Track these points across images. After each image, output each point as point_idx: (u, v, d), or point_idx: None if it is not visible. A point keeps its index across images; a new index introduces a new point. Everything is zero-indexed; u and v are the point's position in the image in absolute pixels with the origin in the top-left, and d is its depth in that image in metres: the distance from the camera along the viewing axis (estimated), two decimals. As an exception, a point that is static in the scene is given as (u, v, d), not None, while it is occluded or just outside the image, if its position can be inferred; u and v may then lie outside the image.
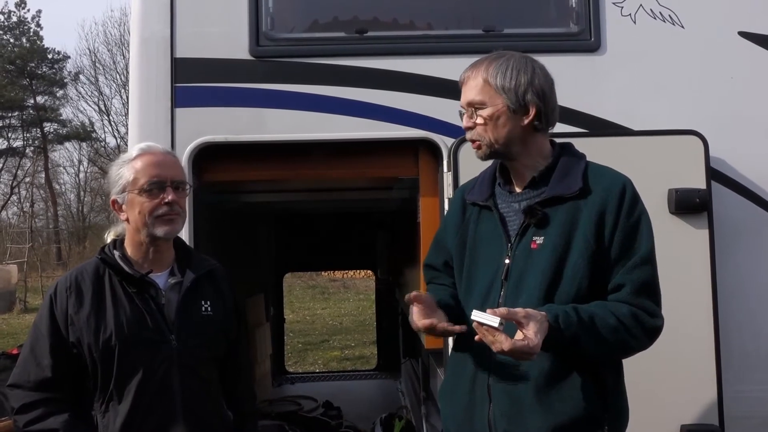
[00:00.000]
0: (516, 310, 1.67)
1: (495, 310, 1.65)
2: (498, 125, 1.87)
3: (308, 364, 9.90)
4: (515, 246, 1.87)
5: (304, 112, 2.95)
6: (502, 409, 1.81)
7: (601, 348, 1.75)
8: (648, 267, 1.81)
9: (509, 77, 1.86)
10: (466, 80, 1.92)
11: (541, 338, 1.64)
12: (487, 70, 1.88)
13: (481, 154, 1.93)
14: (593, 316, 1.73)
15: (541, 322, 1.66)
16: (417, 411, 4.43)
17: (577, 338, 1.71)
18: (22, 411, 1.97)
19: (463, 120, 1.94)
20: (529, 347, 1.62)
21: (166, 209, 2.01)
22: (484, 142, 1.90)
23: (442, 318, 1.86)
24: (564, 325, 1.69)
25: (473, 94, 1.89)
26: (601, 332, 1.73)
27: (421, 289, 3.00)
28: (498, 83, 1.86)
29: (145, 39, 2.96)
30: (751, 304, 2.90)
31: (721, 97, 2.97)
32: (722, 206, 2.87)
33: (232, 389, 2.22)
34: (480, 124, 1.88)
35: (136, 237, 2.06)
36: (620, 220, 1.81)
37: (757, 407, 2.87)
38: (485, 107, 1.87)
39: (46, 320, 2.01)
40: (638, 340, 1.78)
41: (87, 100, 36.37)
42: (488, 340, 1.65)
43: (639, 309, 1.78)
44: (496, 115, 1.86)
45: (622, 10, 2.99)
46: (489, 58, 1.91)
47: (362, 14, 3.16)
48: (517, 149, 1.90)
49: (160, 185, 2.01)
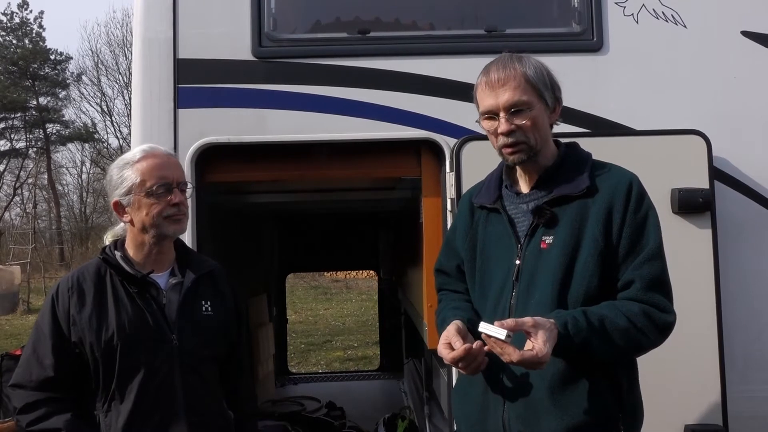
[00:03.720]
0: (524, 320, 1.65)
1: (503, 322, 1.63)
2: (541, 126, 1.85)
3: (311, 365, 9.90)
4: (525, 247, 1.86)
5: (307, 112, 2.95)
6: (517, 410, 1.80)
7: (613, 350, 1.74)
8: (657, 262, 1.80)
9: (541, 75, 1.85)
10: (499, 82, 1.82)
11: (551, 347, 1.63)
12: (523, 67, 1.83)
13: (521, 157, 1.85)
14: (603, 319, 1.72)
15: (550, 330, 1.65)
16: (420, 411, 4.43)
17: (588, 343, 1.70)
18: (25, 411, 1.98)
19: (500, 123, 1.82)
20: (537, 357, 1.61)
21: (175, 210, 2.04)
22: (529, 143, 1.83)
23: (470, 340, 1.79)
24: (573, 331, 1.68)
25: (518, 94, 1.81)
26: (612, 335, 1.71)
27: (425, 291, 3.02)
28: (538, 81, 1.83)
29: (148, 40, 2.96)
30: (754, 304, 2.90)
31: (724, 97, 2.97)
32: (725, 206, 2.86)
33: (233, 389, 2.23)
34: (528, 126, 1.82)
35: (139, 238, 2.07)
36: (627, 216, 1.81)
37: (762, 407, 2.87)
38: (531, 108, 1.82)
39: (48, 320, 2.02)
40: (651, 337, 1.76)
41: (89, 101, 36.43)
42: (497, 352, 1.64)
43: (650, 305, 1.77)
44: (540, 115, 1.84)
45: (625, 9, 2.98)
46: (510, 58, 1.86)
47: (364, 15, 3.16)
48: (543, 150, 1.89)
49: (167, 187, 2.03)
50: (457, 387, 2.05)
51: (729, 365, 2.76)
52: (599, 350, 1.72)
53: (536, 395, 1.78)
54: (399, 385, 6.40)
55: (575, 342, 1.68)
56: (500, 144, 1.87)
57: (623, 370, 1.83)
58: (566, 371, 1.77)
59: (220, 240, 3.85)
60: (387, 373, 6.85)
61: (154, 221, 2.02)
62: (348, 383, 6.76)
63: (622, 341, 1.73)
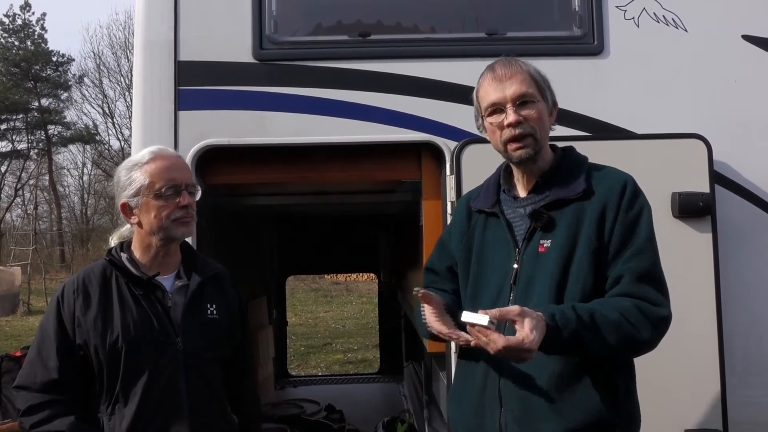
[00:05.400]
0: (509, 308, 1.64)
1: (488, 312, 1.62)
2: (545, 121, 1.88)
3: (311, 368, 9.89)
4: (523, 250, 1.86)
5: (307, 115, 2.95)
6: (514, 413, 1.80)
7: (606, 345, 1.71)
8: (647, 255, 1.79)
9: (541, 76, 1.87)
10: (506, 75, 1.85)
11: (538, 336, 1.60)
12: (527, 66, 1.87)
13: (529, 152, 1.85)
14: (593, 313, 1.70)
15: (537, 319, 1.63)
16: (419, 414, 4.42)
17: (578, 336, 1.68)
18: (29, 413, 1.97)
19: (507, 115, 1.84)
20: (523, 344, 1.58)
21: (183, 213, 2.04)
22: (535, 136, 1.84)
23: (450, 323, 1.82)
24: (562, 323, 1.67)
25: (524, 86, 1.84)
26: (602, 328, 1.69)
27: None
28: (540, 79, 1.87)
29: (149, 42, 2.97)
30: (755, 308, 2.90)
31: (725, 101, 2.97)
32: (726, 210, 2.86)
33: (236, 392, 2.23)
34: (534, 118, 1.84)
35: (146, 240, 2.07)
36: (620, 214, 1.81)
37: (762, 412, 2.86)
38: (536, 100, 1.85)
39: (53, 322, 2.01)
40: (644, 332, 1.73)
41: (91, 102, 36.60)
42: (483, 342, 1.63)
43: (641, 299, 1.75)
44: (544, 110, 1.87)
45: (626, 13, 2.99)
46: (511, 59, 1.90)
47: (365, 17, 3.17)
48: (543, 151, 1.91)
49: (176, 189, 2.03)
50: (453, 390, 2.04)
51: (729, 369, 2.76)
52: (591, 344, 1.70)
53: (533, 399, 1.77)
54: (399, 389, 6.39)
55: (564, 335, 1.66)
56: (506, 138, 1.86)
57: (620, 374, 1.83)
58: (564, 374, 1.76)
59: (220, 242, 3.85)
60: (387, 377, 6.85)
61: (163, 223, 2.02)
62: (348, 386, 6.76)
63: (614, 335, 1.71)
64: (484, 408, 1.86)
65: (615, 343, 1.72)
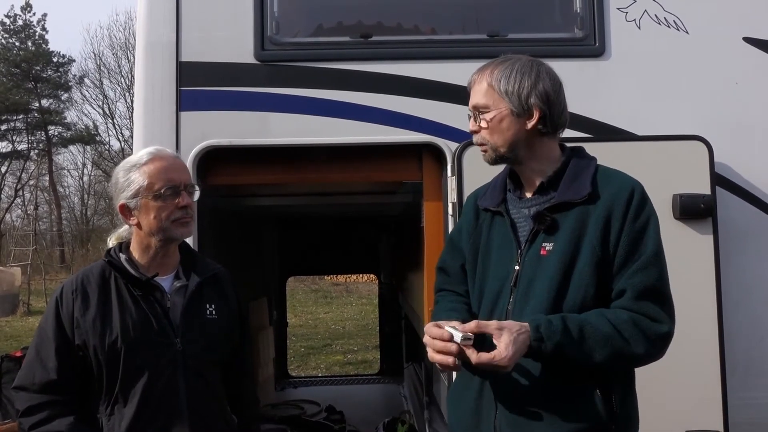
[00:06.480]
0: (488, 322, 1.68)
1: (465, 326, 1.68)
2: (502, 129, 1.88)
3: (311, 369, 9.89)
4: (525, 253, 1.85)
5: (309, 116, 2.95)
6: (509, 417, 1.79)
7: (593, 358, 1.70)
8: (652, 270, 1.77)
9: (513, 81, 1.86)
10: (472, 84, 1.93)
11: (514, 350, 1.62)
12: (492, 74, 1.89)
13: (487, 158, 1.94)
14: (583, 325, 1.70)
15: (517, 333, 1.64)
16: (420, 415, 4.42)
17: (561, 347, 1.67)
18: (27, 413, 1.97)
19: (469, 123, 1.95)
20: (494, 360, 1.62)
21: (182, 213, 2.03)
22: (489, 145, 1.91)
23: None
24: (546, 334, 1.67)
25: (478, 97, 1.90)
26: (591, 341, 1.69)
27: (425, 295, 3.01)
28: (501, 87, 1.86)
29: (151, 43, 2.97)
30: (756, 310, 2.90)
31: (726, 103, 2.97)
32: (727, 212, 2.86)
33: (236, 393, 2.22)
34: (484, 128, 1.90)
35: (145, 241, 2.06)
36: (626, 225, 1.79)
37: (762, 413, 2.86)
38: (489, 111, 1.88)
39: (52, 323, 2.01)
40: (637, 347, 1.72)
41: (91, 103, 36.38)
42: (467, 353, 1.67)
43: (641, 315, 1.74)
44: (499, 119, 1.87)
45: (627, 15, 2.99)
46: (495, 62, 1.92)
47: (367, 19, 3.17)
48: (522, 153, 1.90)
49: (175, 190, 2.02)
50: (452, 392, 2.05)
51: (730, 371, 2.76)
52: (577, 356, 1.69)
53: (528, 402, 1.77)
54: (399, 390, 6.39)
55: (547, 347, 1.67)
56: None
57: (617, 380, 1.81)
58: (559, 380, 1.75)
59: (220, 243, 3.86)
60: (387, 378, 6.85)
61: (162, 224, 2.01)
62: (348, 387, 6.76)
63: (604, 349, 1.70)
64: (480, 409, 1.86)
65: (604, 357, 1.71)
